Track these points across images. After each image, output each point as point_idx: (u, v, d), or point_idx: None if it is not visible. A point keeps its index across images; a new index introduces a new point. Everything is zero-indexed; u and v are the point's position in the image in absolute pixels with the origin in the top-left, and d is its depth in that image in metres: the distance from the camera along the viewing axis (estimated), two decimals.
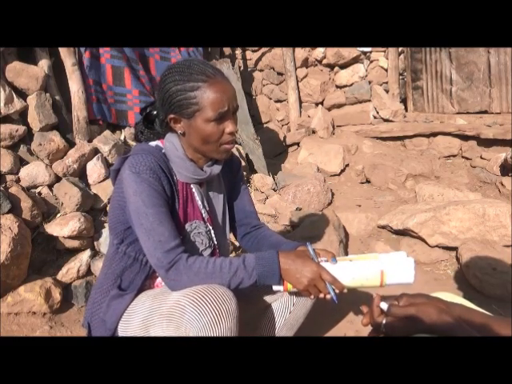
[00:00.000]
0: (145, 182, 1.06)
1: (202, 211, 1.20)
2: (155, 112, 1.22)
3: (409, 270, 1.03)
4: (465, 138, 3.62)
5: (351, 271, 1.05)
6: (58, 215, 2.10)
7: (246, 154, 3.37)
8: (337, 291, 1.05)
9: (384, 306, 0.82)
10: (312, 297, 1.07)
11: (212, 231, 1.21)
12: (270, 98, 4.61)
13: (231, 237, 1.42)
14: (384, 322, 0.81)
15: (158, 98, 1.16)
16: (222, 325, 0.97)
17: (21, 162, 2.17)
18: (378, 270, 1.03)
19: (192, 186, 1.19)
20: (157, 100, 1.18)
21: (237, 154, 3.02)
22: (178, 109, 1.09)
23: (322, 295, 1.05)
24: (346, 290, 1.07)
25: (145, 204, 1.06)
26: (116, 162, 1.16)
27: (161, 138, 1.22)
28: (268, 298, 1.33)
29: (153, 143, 1.20)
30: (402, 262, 1.04)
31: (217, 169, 1.21)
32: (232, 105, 1.10)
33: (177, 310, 1.01)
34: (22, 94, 2.24)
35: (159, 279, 1.19)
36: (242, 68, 4.58)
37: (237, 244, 2.31)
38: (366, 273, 1.04)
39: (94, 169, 2.31)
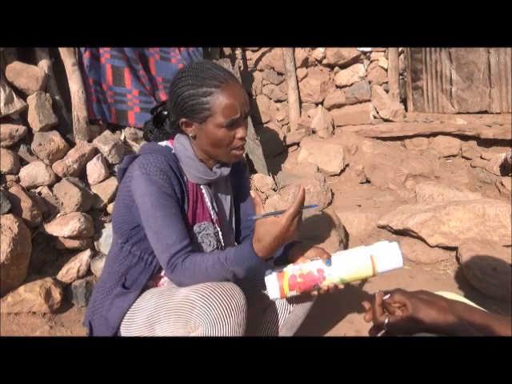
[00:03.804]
0: (154, 183, 1.07)
1: (211, 212, 1.20)
2: (166, 112, 1.22)
3: (396, 255, 1.06)
4: (465, 137, 3.61)
5: (343, 265, 1.07)
6: (58, 215, 2.10)
7: (246, 154, 3.36)
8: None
9: (386, 296, 0.83)
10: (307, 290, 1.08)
11: (220, 233, 1.21)
12: (270, 98, 4.61)
13: None
14: (386, 321, 0.81)
15: (169, 99, 1.16)
16: (232, 319, 0.98)
17: (21, 162, 2.17)
18: (369, 259, 1.06)
19: (202, 186, 1.19)
20: (168, 101, 1.18)
21: None
22: (190, 113, 1.09)
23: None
24: (342, 286, 1.08)
25: (153, 206, 1.06)
26: (124, 160, 1.16)
27: (170, 138, 1.22)
28: (268, 298, 1.33)
29: (162, 143, 1.20)
30: (388, 248, 1.07)
31: (226, 170, 1.22)
32: (244, 111, 1.10)
33: (186, 305, 1.02)
34: (22, 94, 2.24)
35: (163, 279, 1.20)
36: (242, 68, 4.57)
37: None
38: (357, 264, 1.07)
39: (94, 169, 2.31)
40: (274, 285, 1.07)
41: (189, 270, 1.05)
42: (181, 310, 1.03)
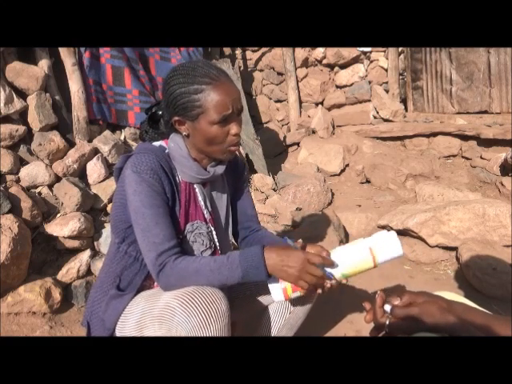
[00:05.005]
0: (145, 182, 1.07)
1: (205, 212, 1.20)
2: (160, 112, 1.22)
3: (395, 244, 1.05)
4: (465, 137, 3.61)
5: (343, 261, 1.06)
6: (58, 215, 2.10)
7: (246, 154, 3.36)
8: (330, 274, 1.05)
9: (387, 308, 0.82)
10: (310, 290, 1.06)
11: (213, 232, 1.21)
12: (270, 98, 4.61)
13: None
14: (387, 322, 0.81)
15: (162, 99, 1.16)
16: (212, 326, 0.97)
17: (21, 162, 2.17)
18: (368, 252, 1.05)
19: (195, 186, 1.19)
20: (162, 101, 1.18)
21: (237, 153, 3.02)
22: (182, 111, 1.10)
23: (319, 288, 1.06)
24: (344, 281, 1.08)
25: (143, 204, 1.06)
26: (119, 160, 1.17)
27: (165, 138, 1.22)
28: (268, 298, 1.33)
29: (156, 143, 1.20)
30: (386, 238, 1.07)
31: (220, 169, 1.21)
32: (236, 107, 1.10)
33: (167, 313, 1.01)
34: (22, 94, 2.24)
35: None
36: (242, 68, 4.58)
37: None
38: (357, 258, 1.06)
39: (94, 169, 2.31)
40: (277, 288, 1.07)
41: (180, 268, 1.04)
42: (163, 317, 1.02)
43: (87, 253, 2.06)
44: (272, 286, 1.08)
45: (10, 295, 1.78)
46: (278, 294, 1.07)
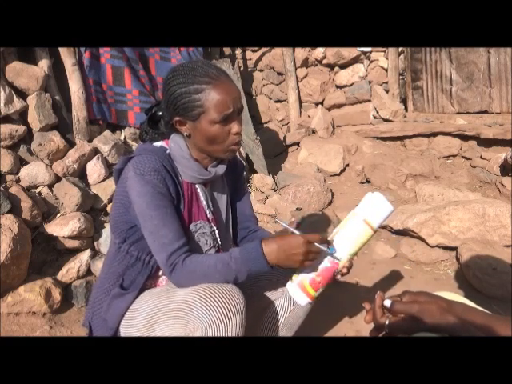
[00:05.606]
0: (149, 183, 1.07)
1: (207, 211, 1.20)
2: (160, 113, 1.22)
3: (383, 203, 1.08)
4: (465, 137, 3.61)
5: (345, 242, 1.08)
6: (58, 215, 2.10)
7: (246, 154, 3.36)
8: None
9: (387, 302, 0.82)
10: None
11: (216, 231, 1.21)
12: (270, 98, 4.61)
13: None
14: (387, 322, 0.81)
15: (163, 99, 1.16)
16: (231, 320, 0.98)
17: (21, 162, 2.17)
18: (362, 223, 1.07)
19: (197, 186, 1.19)
20: (162, 101, 1.18)
21: (237, 154, 3.02)
22: (182, 111, 1.10)
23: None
24: (355, 257, 1.10)
25: (148, 206, 1.06)
26: (119, 161, 1.17)
27: (165, 138, 1.22)
28: (268, 298, 1.33)
29: (157, 144, 1.20)
30: (373, 202, 1.09)
31: (221, 169, 1.22)
32: (237, 106, 1.10)
33: (185, 307, 1.02)
34: (22, 94, 2.24)
35: (161, 278, 1.20)
36: (242, 68, 4.57)
37: None
38: (356, 234, 1.08)
39: (94, 169, 2.31)
40: (300, 293, 1.08)
41: (189, 270, 1.05)
42: (180, 311, 1.03)
43: (87, 253, 2.06)
44: (294, 294, 1.09)
45: (10, 295, 1.77)
46: (303, 298, 1.08)
